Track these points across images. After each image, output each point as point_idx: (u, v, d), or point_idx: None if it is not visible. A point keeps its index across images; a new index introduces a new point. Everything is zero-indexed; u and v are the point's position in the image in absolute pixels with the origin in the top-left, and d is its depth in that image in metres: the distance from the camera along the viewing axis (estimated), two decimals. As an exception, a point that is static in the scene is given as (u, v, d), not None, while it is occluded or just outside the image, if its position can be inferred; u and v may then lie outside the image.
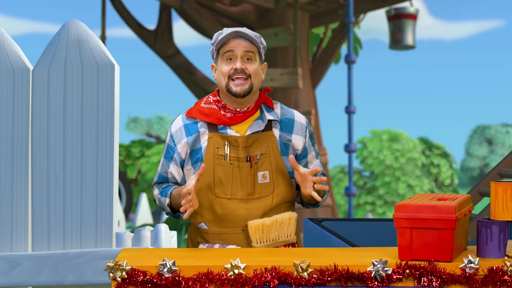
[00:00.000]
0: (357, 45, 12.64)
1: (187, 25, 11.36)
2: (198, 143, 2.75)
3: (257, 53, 2.76)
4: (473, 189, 3.54)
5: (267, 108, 2.81)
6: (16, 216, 2.87)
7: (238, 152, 2.71)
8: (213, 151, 2.71)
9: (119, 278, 2.27)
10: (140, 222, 11.25)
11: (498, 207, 2.37)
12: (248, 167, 2.71)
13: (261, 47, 2.78)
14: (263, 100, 2.82)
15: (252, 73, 2.72)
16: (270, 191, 2.73)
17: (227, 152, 2.72)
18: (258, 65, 2.76)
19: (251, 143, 2.72)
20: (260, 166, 2.73)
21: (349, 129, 8.90)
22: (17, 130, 2.88)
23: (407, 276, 2.26)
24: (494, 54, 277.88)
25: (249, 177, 2.71)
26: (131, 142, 16.23)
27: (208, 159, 2.71)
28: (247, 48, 2.72)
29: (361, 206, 23.43)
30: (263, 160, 2.72)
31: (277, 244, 2.73)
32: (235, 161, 2.71)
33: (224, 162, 2.71)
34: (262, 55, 2.81)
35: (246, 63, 2.73)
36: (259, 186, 2.72)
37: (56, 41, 2.87)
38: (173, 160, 2.79)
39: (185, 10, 10.11)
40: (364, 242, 4.44)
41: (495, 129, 47.94)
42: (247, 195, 2.71)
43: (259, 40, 2.78)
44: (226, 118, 2.74)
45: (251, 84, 2.72)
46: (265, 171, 2.73)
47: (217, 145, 2.72)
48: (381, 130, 24.45)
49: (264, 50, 2.82)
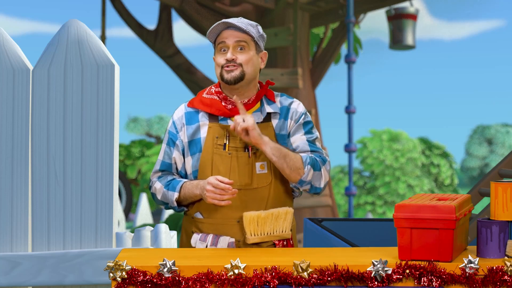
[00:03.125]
0: (357, 45, 12.64)
1: (187, 25, 11.35)
2: (197, 133, 2.78)
3: (251, 42, 2.77)
4: (473, 189, 3.54)
5: (268, 101, 2.83)
6: (16, 216, 2.87)
7: (237, 142, 2.73)
8: (212, 141, 2.74)
9: (119, 278, 2.27)
10: (140, 222, 11.25)
11: (498, 207, 2.37)
12: (246, 157, 2.73)
13: (256, 36, 2.77)
14: (265, 92, 2.83)
15: (243, 62, 2.74)
16: (268, 182, 2.74)
17: (226, 142, 2.74)
18: (252, 54, 2.77)
19: None
20: (258, 156, 2.75)
21: (349, 129, 8.90)
22: (17, 130, 2.87)
23: (407, 276, 2.26)
24: (494, 54, 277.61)
25: (247, 167, 2.73)
26: (131, 142, 16.22)
27: (207, 148, 2.74)
28: (239, 38, 2.74)
29: (361, 206, 23.42)
30: (262, 151, 2.73)
31: (271, 239, 2.73)
32: (234, 151, 2.73)
33: (222, 152, 2.73)
34: (259, 43, 2.81)
35: (239, 53, 2.75)
36: (257, 177, 2.73)
37: (56, 41, 2.87)
38: (175, 146, 2.81)
39: (185, 10, 10.11)
40: (364, 242, 4.44)
41: (495, 129, 47.94)
42: (245, 185, 2.72)
43: (255, 29, 2.78)
44: (227, 109, 2.77)
45: (242, 71, 2.74)
46: (263, 161, 2.75)
47: (216, 135, 2.74)
48: (381, 130, 24.44)
49: (263, 39, 2.82)
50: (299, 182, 2.73)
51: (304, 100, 10.37)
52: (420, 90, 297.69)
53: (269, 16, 10.31)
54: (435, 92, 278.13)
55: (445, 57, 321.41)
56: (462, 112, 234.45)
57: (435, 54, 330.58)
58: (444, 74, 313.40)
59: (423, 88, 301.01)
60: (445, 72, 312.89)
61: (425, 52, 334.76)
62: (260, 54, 2.82)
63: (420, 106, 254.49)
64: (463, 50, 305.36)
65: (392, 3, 10.46)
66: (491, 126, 48.35)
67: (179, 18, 11.91)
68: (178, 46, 12.12)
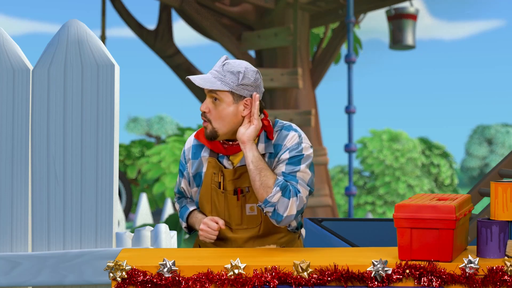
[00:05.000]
0: (357, 45, 12.64)
1: (187, 25, 11.35)
2: (201, 167, 2.79)
3: (226, 93, 2.61)
4: (473, 189, 3.54)
5: (265, 139, 2.72)
6: (16, 216, 2.87)
7: (226, 184, 2.73)
8: (211, 177, 2.75)
9: (119, 278, 2.27)
10: (140, 222, 11.25)
11: (498, 207, 2.37)
12: (235, 199, 2.72)
13: (232, 87, 2.60)
14: (264, 128, 2.71)
15: (212, 118, 2.63)
16: (257, 224, 2.74)
17: (221, 181, 2.74)
18: (225, 106, 2.61)
19: (239, 175, 2.71)
20: (248, 198, 2.72)
21: (349, 129, 8.90)
22: (17, 130, 2.87)
23: (407, 276, 2.26)
24: (494, 54, 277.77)
25: (236, 209, 2.73)
26: (131, 142, 16.22)
27: (206, 184, 2.76)
28: (210, 89, 2.63)
29: (361, 206, 23.42)
30: (252, 193, 2.70)
31: None
32: (226, 192, 2.74)
33: (218, 190, 2.74)
34: (238, 93, 2.62)
35: (213, 105, 2.64)
36: (246, 218, 2.73)
37: (56, 41, 2.87)
38: (183, 176, 2.85)
39: (185, 10, 10.11)
40: (364, 242, 4.44)
41: (495, 129, 47.93)
42: (235, 225, 2.75)
43: (235, 78, 2.61)
44: (223, 148, 2.74)
45: (213, 129, 2.64)
46: (253, 203, 2.72)
47: (214, 171, 2.75)
48: (381, 130, 24.44)
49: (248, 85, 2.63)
50: (264, 201, 2.58)
51: (304, 100, 10.37)
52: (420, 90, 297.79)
53: (269, 16, 10.31)
54: (435, 92, 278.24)
55: (445, 57, 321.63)
56: (462, 112, 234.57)
57: (435, 54, 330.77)
58: (444, 74, 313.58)
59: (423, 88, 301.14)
60: (445, 72, 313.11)
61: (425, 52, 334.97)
62: (241, 102, 2.63)
63: (420, 106, 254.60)
64: (463, 50, 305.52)
65: (392, 3, 10.47)
66: (491, 126, 48.35)
67: (179, 18, 11.91)
68: (178, 46, 12.11)
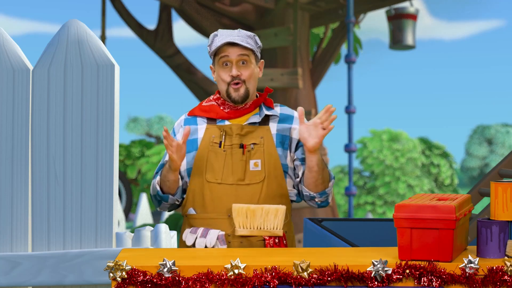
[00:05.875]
0: (357, 45, 12.63)
1: (187, 25, 11.35)
2: (195, 134, 2.86)
3: (252, 55, 2.83)
4: (473, 189, 3.54)
5: (266, 107, 2.89)
6: (16, 216, 2.87)
7: (232, 139, 2.79)
8: (208, 139, 2.81)
9: (119, 278, 2.27)
10: (140, 222, 11.25)
11: (498, 207, 2.37)
12: (240, 153, 2.78)
13: (255, 48, 2.84)
14: (263, 100, 2.90)
15: (246, 78, 2.81)
16: (260, 179, 2.78)
17: (222, 140, 2.80)
18: (253, 66, 2.84)
19: (245, 133, 2.81)
20: (253, 154, 2.79)
21: (349, 129, 8.90)
22: (17, 130, 2.88)
23: (407, 276, 2.26)
24: (494, 54, 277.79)
25: (240, 164, 2.78)
26: (131, 142, 16.23)
27: (203, 146, 2.81)
28: (241, 52, 2.80)
29: (361, 206, 23.43)
30: (256, 150, 2.79)
31: (261, 234, 2.74)
32: (229, 149, 2.79)
33: (217, 149, 2.79)
34: (257, 54, 2.88)
35: (242, 68, 2.81)
36: (250, 173, 2.77)
37: (56, 41, 2.87)
38: None
39: (185, 10, 10.11)
40: (364, 242, 4.44)
41: (495, 129, 47.92)
42: (237, 180, 2.77)
43: (253, 41, 2.84)
44: (224, 112, 2.84)
45: (246, 89, 2.81)
46: (257, 159, 2.79)
47: (213, 134, 2.82)
48: (381, 130, 24.44)
49: (260, 49, 2.89)
50: (321, 192, 2.83)
51: (304, 100, 10.36)
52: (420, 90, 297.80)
53: (269, 16, 10.30)
54: (435, 92, 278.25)
55: (445, 57, 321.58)
56: (462, 112, 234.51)
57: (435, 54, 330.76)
58: (444, 74, 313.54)
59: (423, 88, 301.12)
60: (445, 72, 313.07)
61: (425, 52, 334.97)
62: (258, 64, 2.90)
63: (420, 106, 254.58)
64: (463, 50, 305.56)
65: (392, 3, 10.46)
66: (491, 126, 48.35)
67: (179, 18, 11.91)
68: (178, 46, 12.11)
